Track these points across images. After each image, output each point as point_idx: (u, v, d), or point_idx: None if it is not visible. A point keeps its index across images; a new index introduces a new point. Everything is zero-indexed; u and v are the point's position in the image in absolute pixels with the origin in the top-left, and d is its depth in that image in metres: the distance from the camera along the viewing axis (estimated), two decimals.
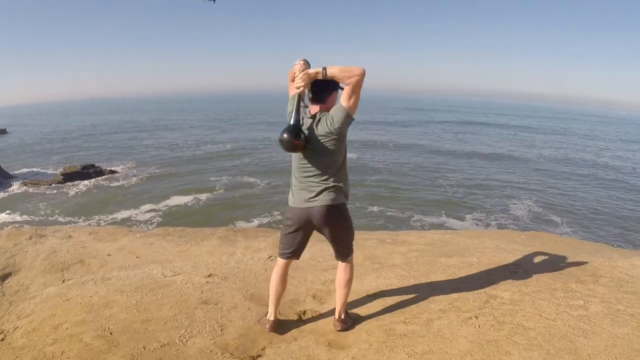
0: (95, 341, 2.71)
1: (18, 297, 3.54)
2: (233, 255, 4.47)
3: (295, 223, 2.73)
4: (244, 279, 3.76)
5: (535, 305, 3.00)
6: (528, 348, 2.48)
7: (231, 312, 3.15)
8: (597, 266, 3.76)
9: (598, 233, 17.21)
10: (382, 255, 4.41)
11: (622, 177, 29.89)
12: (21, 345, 2.72)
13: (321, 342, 2.75)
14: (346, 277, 2.84)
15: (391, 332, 2.79)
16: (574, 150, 42.73)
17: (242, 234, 5.48)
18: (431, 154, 36.96)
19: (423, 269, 3.89)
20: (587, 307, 2.96)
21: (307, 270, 3.95)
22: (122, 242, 5.02)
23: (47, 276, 4.00)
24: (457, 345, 2.56)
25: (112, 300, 3.27)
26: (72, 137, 50.96)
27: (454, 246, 4.68)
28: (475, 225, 17.76)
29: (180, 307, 3.20)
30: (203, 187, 24.74)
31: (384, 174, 28.18)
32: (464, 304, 3.11)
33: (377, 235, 5.35)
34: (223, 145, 41.88)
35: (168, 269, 3.97)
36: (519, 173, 29.20)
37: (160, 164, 32.33)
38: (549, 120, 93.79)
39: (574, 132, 66.43)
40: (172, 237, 5.27)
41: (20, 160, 34.91)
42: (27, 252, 4.51)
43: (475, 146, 42.40)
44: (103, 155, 36.92)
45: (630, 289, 3.25)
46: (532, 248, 4.57)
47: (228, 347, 2.73)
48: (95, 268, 4.22)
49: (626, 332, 2.61)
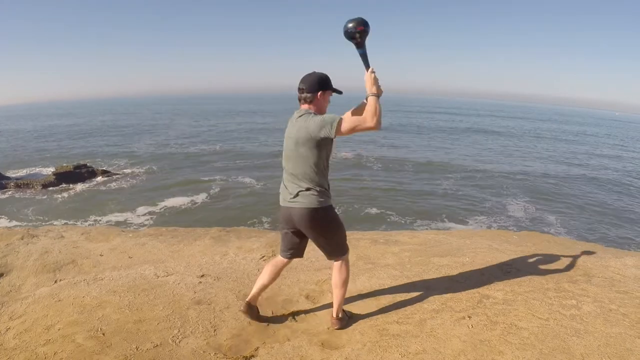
0: (88, 342, 2.69)
1: (10, 298, 3.52)
2: (226, 256, 4.46)
3: (282, 221, 2.75)
4: (237, 279, 3.75)
5: (528, 305, 3.01)
6: (521, 348, 2.49)
7: (224, 312, 3.14)
8: (589, 266, 3.78)
9: (592, 233, 17.31)
10: (375, 255, 4.42)
11: (619, 177, 30.12)
12: (13, 346, 2.70)
13: (314, 342, 2.75)
14: (341, 277, 2.81)
15: (384, 332, 2.80)
16: (567, 151, 43.00)
17: (235, 234, 5.46)
18: (425, 154, 37.10)
19: (416, 269, 3.90)
20: (579, 306, 2.98)
21: (300, 270, 3.95)
22: (114, 243, 4.99)
23: (39, 276, 3.98)
24: (450, 345, 2.57)
25: (104, 301, 3.25)
26: (65, 137, 50.60)
27: (447, 246, 4.69)
28: (468, 225, 17.81)
29: (173, 307, 3.19)
30: (197, 187, 24.65)
31: (381, 173, 28.19)
32: (457, 303, 3.12)
33: (370, 235, 5.35)
34: (219, 145, 41.79)
35: (161, 269, 3.96)
36: (513, 173, 29.33)
37: (153, 163, 32.16)
38: (541, 122, 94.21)
39: (567, 132, 66.87)
40: (164, 237, 5.25)
41: (12, 161, 34.66)
42: (19, 253, 4.48)
43: (465, 147, 42.56)
44: (96, 155, 36.68)
45: (622, 289, 3.27)
46: (525, 248, 4.59)
47: (221, 347, 2.72)
48: (87, 268, 4.20)
49: (619, 332, 2.63)
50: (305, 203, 2.58)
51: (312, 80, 2.56)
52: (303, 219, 2.61)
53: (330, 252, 2.79)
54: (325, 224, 2.68)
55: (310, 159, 2.53)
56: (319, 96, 2.57)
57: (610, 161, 37.78)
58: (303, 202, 2.58)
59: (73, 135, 53.15)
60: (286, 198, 2.66)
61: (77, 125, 67.27)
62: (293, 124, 2.60)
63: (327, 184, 2.65)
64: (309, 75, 2.59)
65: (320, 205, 2.60)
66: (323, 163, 2.58)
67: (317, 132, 2.44)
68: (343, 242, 2.80)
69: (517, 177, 28.06)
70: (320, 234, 2.70)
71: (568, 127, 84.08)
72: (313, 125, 2.46)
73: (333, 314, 2.93)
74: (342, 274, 2.81)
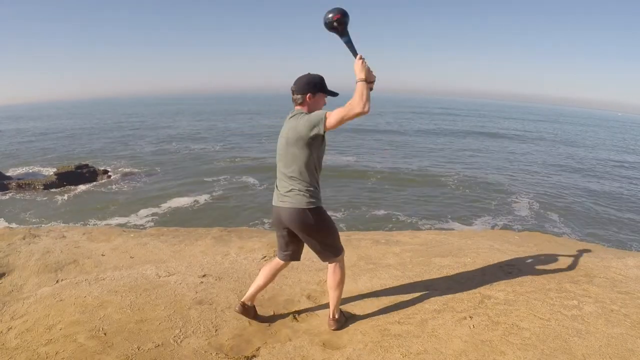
0: (90, 342, 2.70)
1: (11, 298, 3.52)
2: (227, 256, 4.46)
3: (274, 221, 2.76)
4: (238, 279, 3.76)
5: (529, 305, 3.01)
6: (522, 348, 2.48)
7: (225, 312, 3.15)
8: (591, 266, 3.77)
9: (594, 233, 17.29)
10: (376, 255, 4.42)
11: (619, 177, 30.10)
12: (15, 345, 2.70)
13: (316, 343, 2.75)
14: (336, 279, 2.79)
15: (386, 332, 2.80)
16: (569, 151, 42.94)
17: (236, 234, 5.47)
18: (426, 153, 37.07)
19: (417, 269, 3.90)
20: (581, 307, 2.97)
21: (302, 270, 3.95)
22: (115, 242, 5.00)
23: (41, 276, 3.98)
24: (451, 345, 2.57)
25: (106, 301, 3.26)
26: (65, 137, 50.59)
27: (448, 246, 4.69)
28: (473, 225, 17.80)
29: (175, 307, 3.19)
30: (199, 187, 24.60)
31: (386, 174, 28.14)
32: (458, 304, 3.11)
33: (371, 236, 5.35)
34: (221, 144, 41.78)
35: (162, 269, 3.96)
36: (516, 173, 29.29)
37: (155, 163, 32.11)
38: (542, 123, 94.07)
39: (569, 133, 66.73)
40: (166, 237, 5.25)
41: (13, 160, 34.68)
42: (20, 252, 4.48)
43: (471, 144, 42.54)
44: (97, 154, 36.66)
45: (623, 289, 3.27)
46: (526, 248, 4.59)
47: (223, 347, 2.73)
48: (89, 268, 4.20)
49: (620, 332, 2.63)
50: (294, 203, 2.57)
51: (301, 82, 2.57)
52: (292, 220, 2.61)
53: (322, 253, 2.76)
54: (314, 225, 2.63)
55: (300, 159, 2.53)
56: (308, 98, 2.57)
57: (616, 162, 37.71)
58: (292, 202, 2.58)
59: (74, 135, 53.13)
60: (277, 197, 2.68)
61: (77, 125, 67.25)
62: (285, 124, 2.62)
63: (317, 184, 2.64)
64: (302, 77, 2.60)
65: (309, 206, 2.58)
66: (314, 163, 2.57)
67: (306, 131, 2.44)
68: (335, 244, 2.76)
69: (520, 177, 28.02)
70: (310, 235, 2.67)
71: (570, 127, 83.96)
72: (302, 125, 2.47)
73: (329, 315, 2.93)
74: (336, 276, 2.79)
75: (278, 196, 2.67)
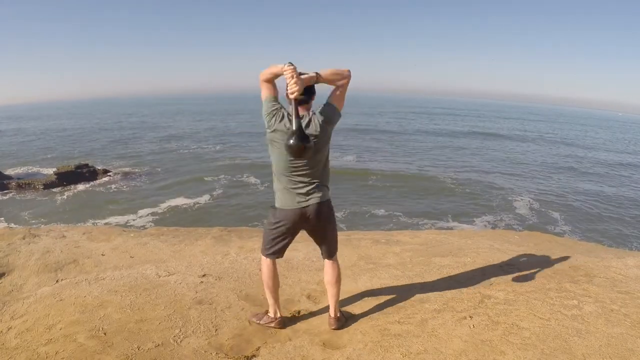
0: (89, 341, 2.69)
1: (11, 297, 3.52)
2: (227, 255, 4.46)
3: (286, 224, 2.71)
4: (239, 279, 3.75)
5: (529, 305, 3.01)
6: (522, 348, 2.48)
7: (225, 312, 3.15)
8: (591, 266, 3.77)
9: (594, 233, 17.28)
10: (377, 255, 4.42)
11: (619, 176, 30.08)
12: (15, 345, 2.70)
13: (316, 342, 2.75)
14: (338, 273, 2.87)
15: (386, 332, 2.80)
16: (569, 151, 42.91)
17: (236, 233, 5.47)
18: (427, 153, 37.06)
19: (417, 269, 3.90)
20: (581, 307, 2.97)
21: (302, 270, 3.95)
22: (115, 242, 5.00)
23: (41, 276, 3.98)
24: (451, 345, 2.57)
25: (106, 300, 3.26)
26: (65, 137, 50.54)
27: (448, 246, 4.69)
28: (474, 224, 17.79)
29: (175, 307, 3.19)
30: (199, 187, 24.57)
31: (387, 175, 28.11)
32: (458, 303, 3.12)
33: (371, 236, 5.36)
34: (221, 144, 41.74)
35: (162, 269, 3.96)
36: (516, 173, 29.26)
37: (155, 163, 32.07)
38: (542, 123, 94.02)
39: (569, 133, 66.70)
40: (166, 237, 5.25)
41: (13, 160, 34.65)
42: (20, 252, 4.48)
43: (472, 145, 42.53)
44: (97, 154, 36.62)
45: (623, 289, 3.27)
46: (526, 248, 4.60)
47: (222, 347, 2.72)
48: (89, 268, 4.20)
49: (620, 332, 2.63)
50: (321, 197, 2.65)
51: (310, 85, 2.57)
52: (321, 212, 2.67)
53: (334, 246, 2.86)
54: (333, 216, 2.81)
55: (324, 155, 2.64)
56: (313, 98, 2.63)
57: (616, 162, 37.69)
58: (318, 196, 2.64)
59: (74, 135, 53.11)
60: (297, 199, 2.64)
61: (77, 125, 67.19)
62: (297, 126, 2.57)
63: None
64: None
65: (329, 198, 2.74)
66: (327, 157, 2.69)
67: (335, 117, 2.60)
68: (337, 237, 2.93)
69: (520, 177, 28.01)
70: (332, 225, 2.81)
71: (569, 127, 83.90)
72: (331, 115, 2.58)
73: (331, 313, 2.93)
74: (337, 270, 2.88)
75: (297, 197, 2.63)
